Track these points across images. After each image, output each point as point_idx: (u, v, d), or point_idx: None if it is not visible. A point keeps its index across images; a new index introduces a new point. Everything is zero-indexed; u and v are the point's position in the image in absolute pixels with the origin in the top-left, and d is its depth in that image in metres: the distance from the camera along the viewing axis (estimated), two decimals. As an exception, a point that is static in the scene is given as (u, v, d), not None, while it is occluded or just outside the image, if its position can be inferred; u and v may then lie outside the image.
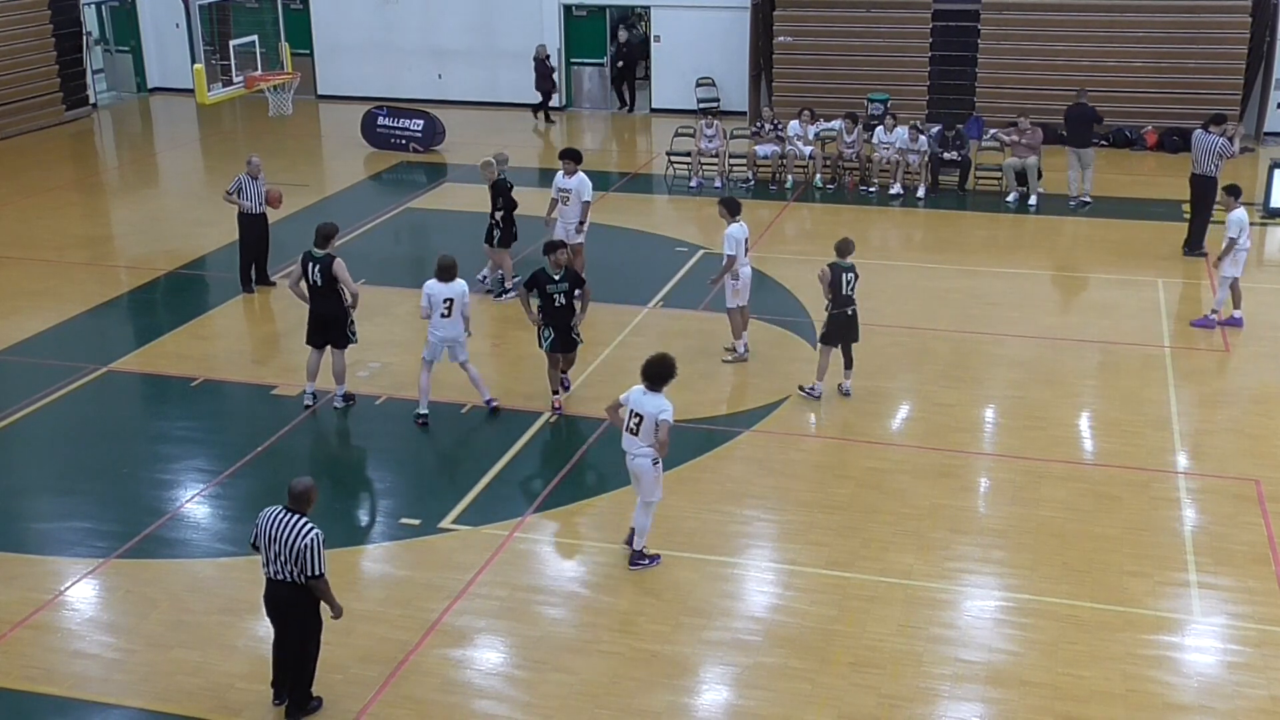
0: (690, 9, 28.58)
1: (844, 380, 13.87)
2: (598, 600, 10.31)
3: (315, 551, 8.39)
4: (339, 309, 13.32)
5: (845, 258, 13.55)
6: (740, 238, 14.46)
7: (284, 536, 8.42)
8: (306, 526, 8.42)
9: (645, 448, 10.36)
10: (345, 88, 30.62)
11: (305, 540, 8.37)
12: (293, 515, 8.49)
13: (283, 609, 8.64)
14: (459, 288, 13.05)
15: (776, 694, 9.11)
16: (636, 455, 10.43)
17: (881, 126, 22.51)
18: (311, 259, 13.23)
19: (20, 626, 9.96)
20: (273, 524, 8.49)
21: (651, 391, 10.37)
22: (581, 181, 16.40)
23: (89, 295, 17.33)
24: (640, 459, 10.41)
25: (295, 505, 8.54)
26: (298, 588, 8.54)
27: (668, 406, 10.31)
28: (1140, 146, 25.35)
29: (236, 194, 16.96)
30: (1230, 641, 9.72)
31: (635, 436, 10.39)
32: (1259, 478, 12.13)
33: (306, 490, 8.56)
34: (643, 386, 10.40)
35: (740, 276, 14.51)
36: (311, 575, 8.44)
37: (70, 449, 13.04)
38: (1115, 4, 25.93)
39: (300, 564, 8.40)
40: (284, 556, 8.45)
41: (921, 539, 11.11)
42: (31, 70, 27.89)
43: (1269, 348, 15.28)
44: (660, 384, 10.39)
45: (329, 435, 13.55)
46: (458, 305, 13.03)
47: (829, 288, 13.45)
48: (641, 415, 10.32)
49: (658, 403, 10.31)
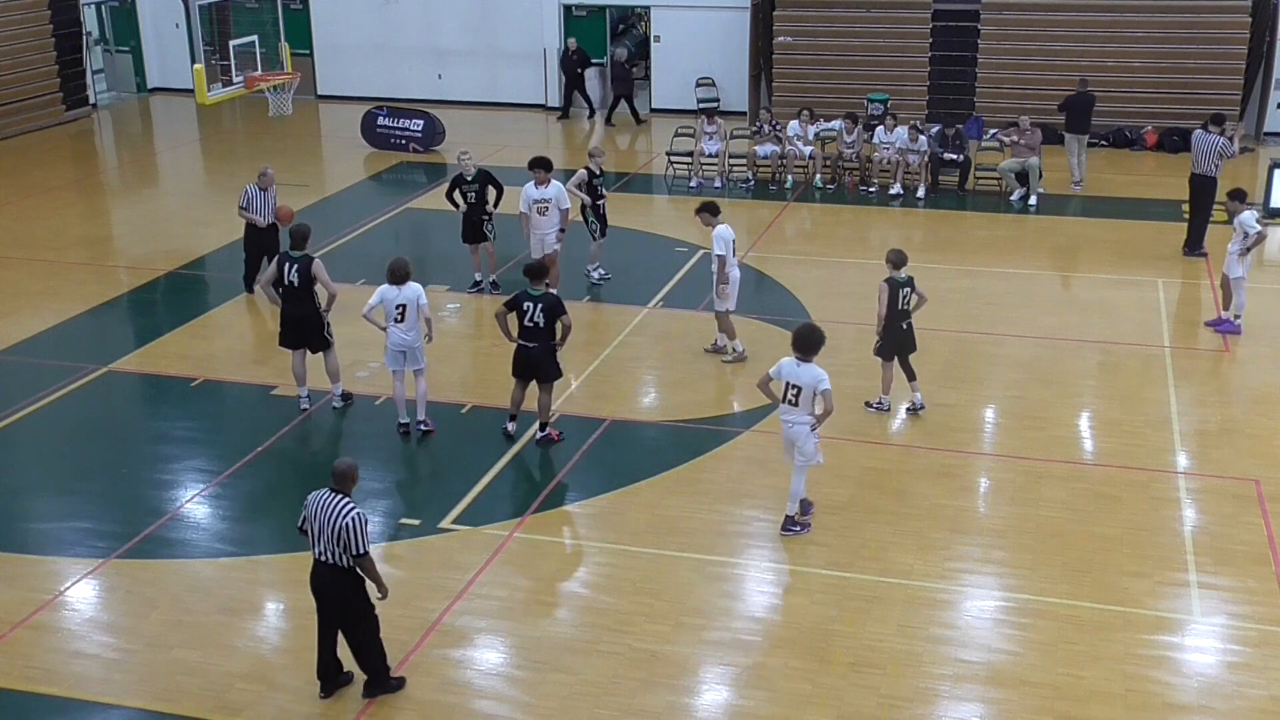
0: (690, 9, 28.58)
1: (913, 394, 13.38)
2: (598, 600, 10.31)
3: (357, 530, 8.45)
4: (314, 312, 13.29)
5: (900, 270, 13.06)
6: (729, 238, 14.45)
7: (327, 518, 8.51)
8: (348, 506, 8.51)
9: (805, 416, 10.78)
10: (345, 88, 30.62)
11: (346, 520, 8.45)
12: (336, 496, 8.58)
13: (327, 592, 8.72)
14: (412, 292, 12.59)
15: (776, 694, 9.11)
16: (795, 424, 10.86)
17: (881, 126, 22.51)
18: (289, 260, 13.18)
19: (20, 626, 9.97)
20: (317, 506, 8.59)
21: (804, 362, 10.80)
22: (559, 190, 16.19)
23: (89, 295, 17.34)
24: (799, 426, 10.84)
25: (338, 485, 8.65)
26: (340, 570, 8.60)
27: (824, 375, 10.74)
28: (1140, 146, 25.35)
29: (247, 207, 16.50)
30: (1230, 641, 9.72)
31: (795, 407, 10.83)
32: (1259, 478, 12.13)
33: (348, 470, 8.68)
34: (794, 358, 10.81)
35: (730, 279, 14.47)
36: (356, 554, 8.51)
37: (70, 449, 13.04)
38: (1115, 4, 25.92)
39: (343, 544, 8.48)
40: (327, 537, 8.53)
41: (921, 539, 11.11)
42: (31, 70, 27.89)
43: (1269, 348, 15.28)
44: (811, 354, 10.81)
45: (329, 435, 13.55)
46: (411, 310, 12.61)
47: (885, 305, 12.95)
48: (800, 386, 10.76)
49: (814, 373, 10.74)
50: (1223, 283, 15.81)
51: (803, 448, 10.93)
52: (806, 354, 10.81)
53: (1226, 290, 15.77)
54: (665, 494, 11.94)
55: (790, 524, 11.17)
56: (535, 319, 12.34)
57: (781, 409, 10.98)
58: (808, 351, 10.80)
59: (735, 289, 14.60)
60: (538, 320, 12.34)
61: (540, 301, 12.33)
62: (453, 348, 15.43)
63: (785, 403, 10.91)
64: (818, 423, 10.79)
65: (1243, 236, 15.42)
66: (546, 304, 12.33)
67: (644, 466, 12.46)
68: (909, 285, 13.00)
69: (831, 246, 19.81)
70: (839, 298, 16.96)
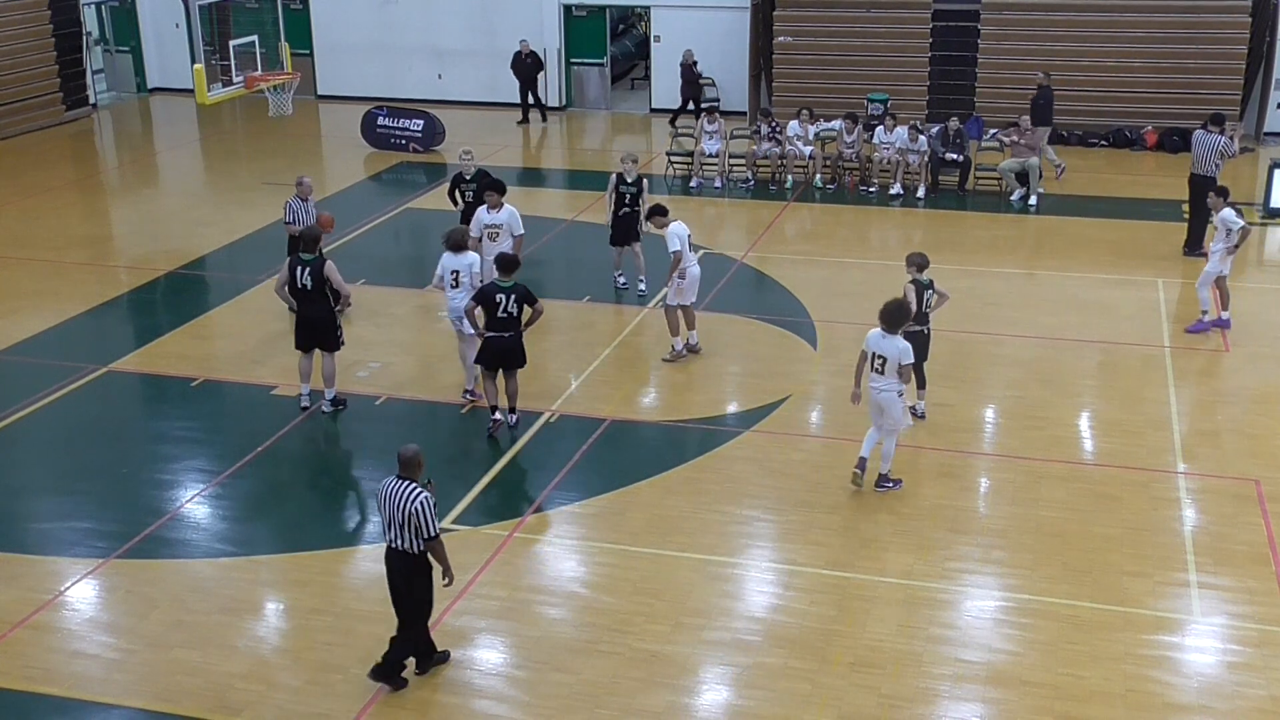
0: (690, 9, 28.58)
1: (917, 402, 13.32)
2: (598, 600, 10.31)
3: (426, 514, 8.72)
4: (328, 313, 13.30)
5: (924, 273, 13.01)
6: (684, 234, 14.49)
7: (396, 503, 8.76)
8: (415, 490, 8.75)
9: (891, 383, 11.52)
10: (345, 88, 30.62)
11: (415, 505, 8.69)
12: (403, 482, 8.82)
13: (396, 577, 8.98)
14: (467, 260, 13.45)
15: (776, 694, 9.11)
16: (883, 390, 11.59)
17: (881, 126, 22.52)
18: (301, 263, 13.19)
19: (20, 626, 9.97)
20: (386, 493, 8.84)
21: (889, 335, 11.50)
22: (511, 215, 15.26)
23: (89, 295, 17.34)
24: (887, 393, 11.58)
25: (405, 472, 8.89)
26: (410, 556, 8.86)
27: (908, 348, 11.50)
28: (1140, 146, 25.35)
29: (293, 221, 15.93)
30: (1230, 641, 9.72)
31: (882, 375, 11.56)
32: (1259, 478, 12.13)
33: (414, 456, 8.91)
34: (880, 330, 11.53)
35: (687, 275, 14.48)
36: (427, 537, 8.77)
37: (70, 449, 13.04)
38: (1115, 4, 25.92)
39: (414, 528, 8.74)
40: (398, 523, 8.77)
41: (921, 539, 11.11)
42: (31, 70, 27.89)
43: (1269, 348, 15.28)
44: (896, 326, 11.50)
45: (329, 435, 13.54)
46: (465, 276, 13.35)
47: (913, 304, 12.76)
48: (884, 357, 11.48)
49: (898, 345, 11.47)
50: (1214, 282, 15.70)
51: (890, 413, 11.64)
52: (891, 327, 11.51)
53: (1223, 289, 15.76)
54: (665, 494, 11.94)
55: (884, 480, 11.90)
56: (509, 309, 12.60)
57: (870, 376, 11.69)
58: (892, 324, 11.52)
59: (692, 286, 14.62)
60: (512, 310, 12.61)
61: (513, 292, 12.60)
62: (452, 347, 15.41)
63: (873, 371, 11.64)
64: (901, 387, 11.56)
65: (1226, 234, 15.36)
66: (519, 294, 12.63)
67: (644, 466, 12.46)
68: (930, 287, 12.98)
69: (831, 246, 19.81)
70: (839, 298, 16.96)
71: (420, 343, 15.34)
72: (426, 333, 15.03)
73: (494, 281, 12.72)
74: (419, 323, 16.05)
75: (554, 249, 18.80)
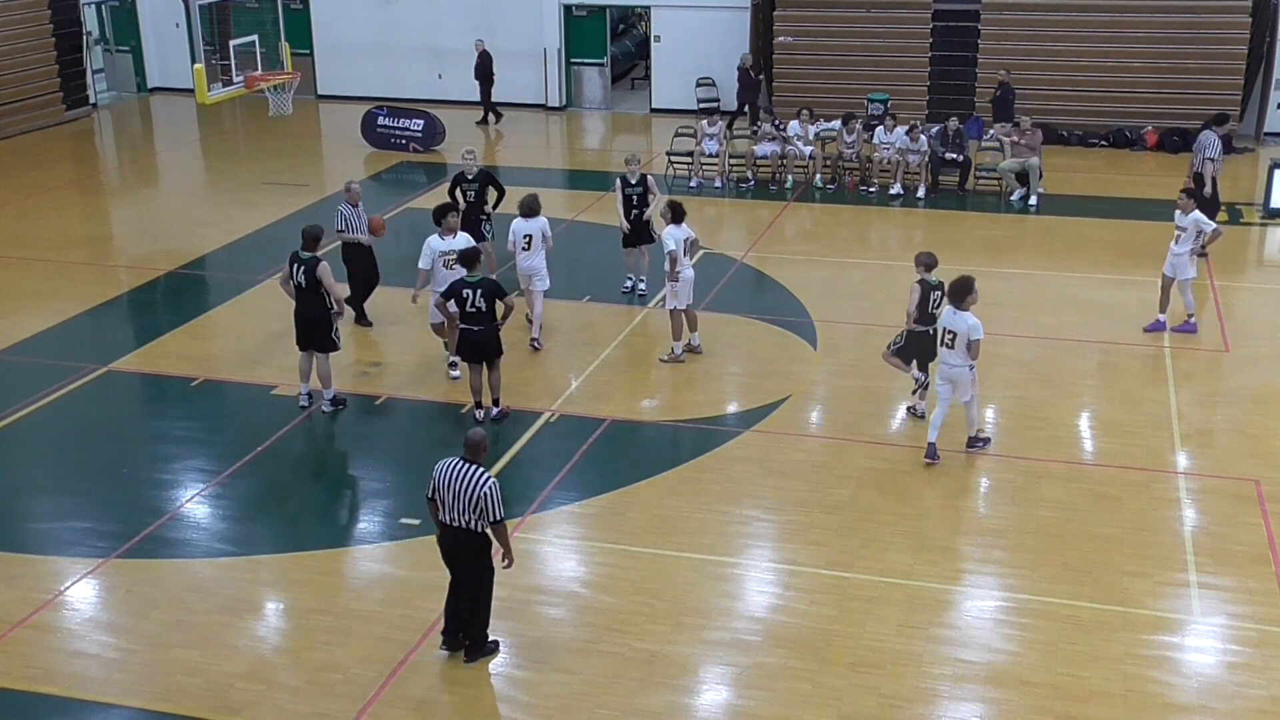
0: (690, 9, 28.57)
1: (917, 403, 13.36)
2: (598, 600, 10.31)
3: (494, 498, 8.95)
4: (323, 312, 13.29)
5: (931, 273, 12.98)
6: (680, 237, 14.51)
7: (461, 486, 8.95)
8: (483, 475, 8.99)
9: (961, 359, 11.95)
10: (345, 88, 30.62)
11: (485, 489, 8.92)
12: (469, 465, 9.01)
13: (457, 554, 9.21)
14: (538, 224, 14.91)
15: (776, 694, 9.11)
16: (954, 366, 12.02)
17: (881, 126, 22.52)
18: (297, 260, 13.22)
19: (20, 626, 9.97)
20: (450, 474, 9.01)
21: (959, 311, 11.85)
22: (466, 242, 14.21)
23: (89, 295, 17.34)
24: (958, 369, 12.03)
25: (471, 455, 9.08)
26: (471, 534, 9.09)
27: (977, 324, 11.88)
28: (1140, 146, 25.34)
29: (345, 229, 15.69)
30: (1230, 641, 9.72)
31: (951, 350, 11.96)
32: (1259, 478, 12.13)
33: (481, 440, 9.16)
34: (951, 307, 11.93)
35: (680, 279, 14.50)
36: (494, 521, 9.01)
37: (70, 449, 13.04)
38: (1115, 4, 25.92)
39: (479, 511, 8.96)
40: (460, 505, 8.98)
41: (921, 539, 11.11)
42: (31, 70, 27.89)
43: (1269, 348, 15.28)
44: (961, 301, 11.86)
45: (329, 435, 13.54)
46: (536, 239, 14.82)
47: (916, 306, 12.91)
48: (955, 332, 11.88)
49: (968, 321, 11.86)
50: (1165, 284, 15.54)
51: (963, 386, 12.15)
52: (960, 302, 11.84)
53: (1169, 293, 15.57)
54: (665, 494, 11.94)
55: (975, 441, 12.55)
56: (477, 304, 12.81)
57: (941, 352, 12.15)
58: (959, 299, 11.85)
59: (686, 288, 14.62)
60: (479, 305, 12.81)
61: (479, 287, 12.81)
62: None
63: (944, 346, 12.05)
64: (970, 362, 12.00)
65: (1195, 235, 15.21)
66: (485, 289, 12.84)
67: (644, 466, 12.47)
68: (939, 289, 12.92)
69: (831, 246, 19.81)
70: (839, 298, 16.97)
71: (420, 343, 15.33)
72: (426, 333, 15.02)
73: (461, 278, 12.95)
74: (419, 322, 16.02)
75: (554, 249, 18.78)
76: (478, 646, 9.49)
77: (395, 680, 9.28)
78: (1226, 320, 16.18)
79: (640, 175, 16.72)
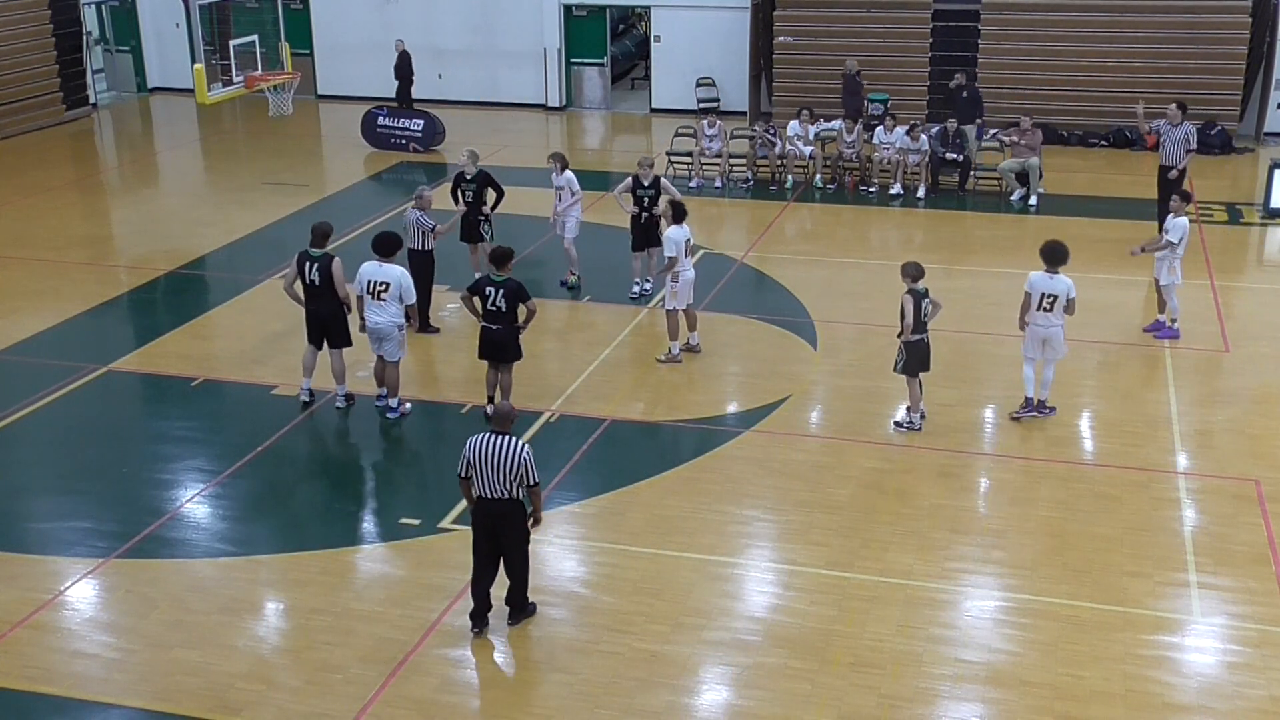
0: (690, 9, 28.58)
1: (913, 416, 13.22)
2: (598, 600, 10.31)
3: (531, 463, 9.43)
4: (337, 308, 13.32)
5: (918, 283, 12.91)
6: (680, 239, 14.49)
7: (499, 458, 9.35)
8: (518, 442, 9.45)
9: (1059, 319, 12.74)
10: (345, 88, 30.62)
11: (524, 455, 9.38)
12: (502, 436, 9.41)
13: (499, 522, 9.52)
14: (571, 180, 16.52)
15: (776, 694, 9.11)
16: (1053, 326, 12.80)
17: (881, 126, 22.52)
18: (309, 258, 13.24)
19: (20, 626, 9.97)
20: (485, 448, 9.39)
21: (1054, 274, 12.65)
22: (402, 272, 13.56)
23: (89, 295, 17.34)
24: (1057, 328, 12.82)
25: (500, 427, 9.50)
26: (514, 502, 9.48)
27: (1072, 284, 12.72)
28: (1140, 146, 25.29)
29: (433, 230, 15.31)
30: (1230, 641, 9.72)
31: (1050, 313, 12.73)
32: (1259, 478, 12.13)
33: (509, 411, 9.66)
34: (1044, 271, 12.65)
35: (680, 279, 14.50)
36: (531, 484, 9.46)
37: (70, 449, 13.04)
38: (1115, 4, 25.92)
39: (519, 476, 9.38)
40: (500, 474, 9.36)
41: (921, 539, 11.11)
42: (31, 70, 27.89)
43: (1269, 348, 15.28)
44: (1057, 264, 12.61)
45: (329, 435, 13.55)
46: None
47: (913, 315, 12.78)
48: (1055, 295, 12.65)
49: (1065, 282, 12.69)
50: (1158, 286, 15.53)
51: (1055, 345, 12.84)
52: (1053, 265, 12.55)
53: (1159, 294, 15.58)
54: (665, 494, 11.94)
55: (1043, 407, 13.16)
56: (497, 303, 12.74)
57: (1036, 316, 12.75)
58: (1054, 263, 12.56)
59: (686, 289, 14.63)
60: (499, 305, 12.74)
61: (502, 287, 12.71)
62: (453, 347, 15.43)
63: (1040, 310, 12.68)
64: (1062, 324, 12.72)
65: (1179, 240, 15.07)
66: (508, 290, 12.72)
67: (644, 466, 12.47)
68: (926, 295, 12.94)
69: (831, 246, 19.82)
70: (839, 298, 16.97)
71: (420, 342, 15.32)
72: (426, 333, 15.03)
73: (487, 275, 12.88)
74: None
75: (554, 249, 18.75)
76: (520, 608, 9.85)
77: (395, 680, 9.28)
78: (1226, 320, 16.19)
79: (654, 177, 16.72)
